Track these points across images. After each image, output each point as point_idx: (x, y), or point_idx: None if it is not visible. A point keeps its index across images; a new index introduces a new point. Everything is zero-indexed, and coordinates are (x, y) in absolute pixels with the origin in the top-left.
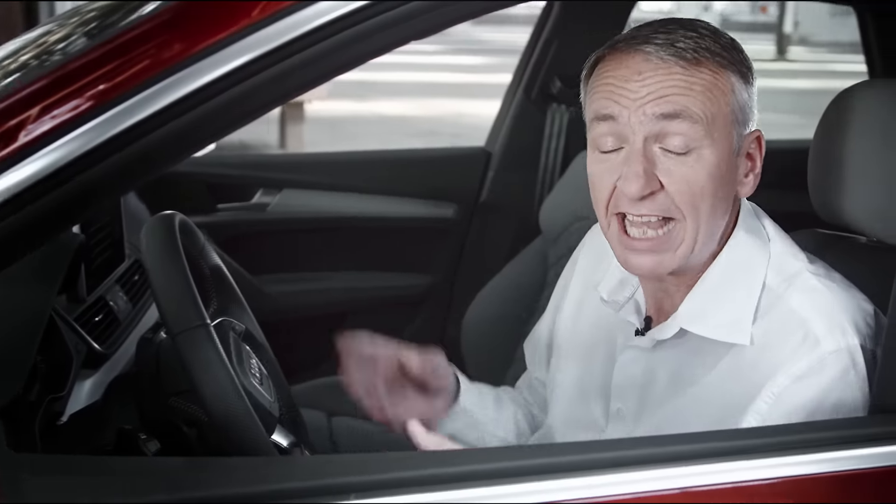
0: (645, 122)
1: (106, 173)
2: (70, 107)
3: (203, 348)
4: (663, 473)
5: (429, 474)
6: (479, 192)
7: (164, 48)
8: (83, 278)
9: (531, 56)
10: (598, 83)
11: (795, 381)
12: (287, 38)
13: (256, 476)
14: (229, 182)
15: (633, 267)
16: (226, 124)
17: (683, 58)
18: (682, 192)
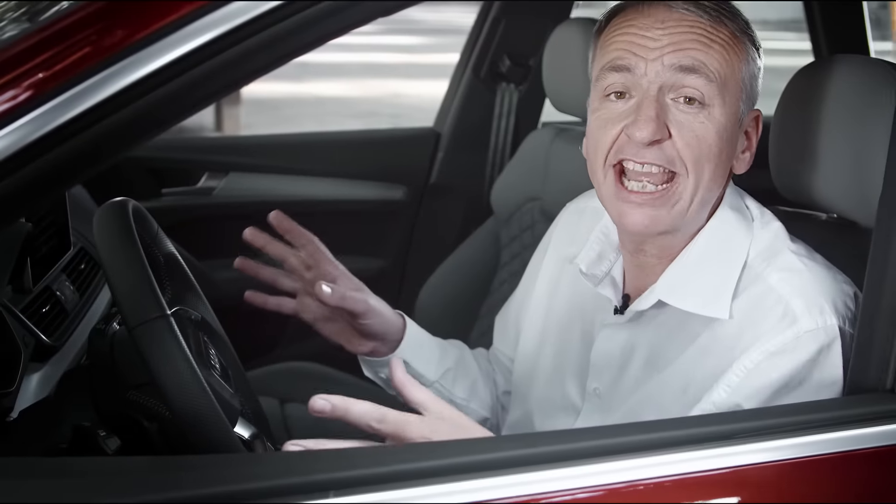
0: (662, 72)
1: (47, 167)
2: (7, 97)
3: (163, 340)
4: (638, 463)
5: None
6: (428, 173)
7: (106, 35)
8: (29, 268)
9: (479, 34)
10: (615, 33)
11: (769, 356)
12: (235, 22)
13: (226, 475)
14: (174, 166)
15: (627, 222)
16: (172, 114)
17: (707, 12)
18: (691, 146)
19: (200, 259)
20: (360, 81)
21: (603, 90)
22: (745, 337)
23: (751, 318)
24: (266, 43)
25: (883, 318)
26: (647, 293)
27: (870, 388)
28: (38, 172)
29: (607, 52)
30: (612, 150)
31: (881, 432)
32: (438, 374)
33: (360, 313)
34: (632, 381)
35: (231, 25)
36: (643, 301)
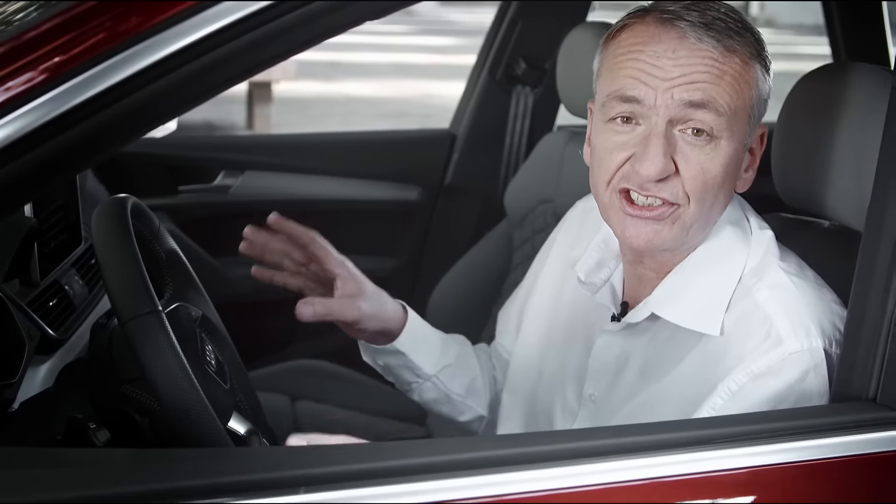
0: (671, 105)
1: (60, 149)
2: (24, 79)
3: (154, 336)
4: (625, 464)
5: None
6: (443, 174)
7: (121, 20)
8: (36, 262)
9: (495, 37)
10: (623, 55)
11: (754, 378)
12: (249, 10)
13: (204, 468)
14: (191, 164)
15: (631, 237)
16: (185, 100)
17: (719, 42)
18: (696, 179)
19: (216, 256)
20: (391, 81)
21: (608, 114)
22: (731, 355)
23: (737, 335)
24: (283, 28)
25: (867, 327)
26: (641, 305)
27: (853, 396)
28: (50, 154)
29: (616, 77)
30: (617, 176)
31: (862, 440)
32: (437, 369)
33: (352, 321)
34: (626, 390)
35: (244, 13)
36: (637, 313)
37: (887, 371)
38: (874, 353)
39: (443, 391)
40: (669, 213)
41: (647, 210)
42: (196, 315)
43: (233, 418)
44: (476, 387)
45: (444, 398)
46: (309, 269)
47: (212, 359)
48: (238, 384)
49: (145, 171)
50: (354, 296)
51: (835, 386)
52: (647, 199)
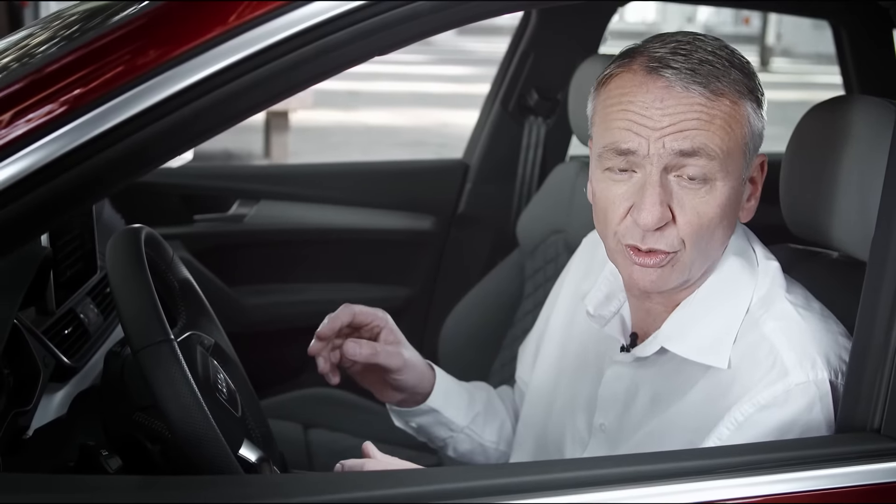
0: (664, 154)
1: (80, 179)
2: (45, 111)
3: (166, 364)
4: (631, 493)
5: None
6: (456, 203)
7: (139, 54)
8: (52, 290)
9: (508, 68)
10: (614, 106)
11: (759, 409)
12: (261, 45)
13: (211, 495)
14: (206, 193)
15: (639, 282)
16: (201, 131)
17: (706, 87)
18: (692, 224)
19: (231, 285)
20: (408, 110)
21: (604, 164)
22: (738, 385)
23: (743, 367)
24: (291, 64)
25: (872, 356)
26: (650, 339)
27: (858, 426)
28: (70, 184)
29: (609, 129)
30: (621, 230)
31: (866, 471)
32: (468, 419)
33: (395, 368)
34: (635, 420)
35: (257, 48)
36: (646, 347)
37: (891, 402)
38: (878, 384)
39: (476, 441)
40: (668, 260)
41: (653, 256)
42: (208, 343)
43: (244, 446)
44: (506, 431)
45: (479, 448)
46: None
47: (223, 387)
48: (249, 412)
49: (161, 200)
50: (397, 344)
51: (839, 416)
52: (645, 248)
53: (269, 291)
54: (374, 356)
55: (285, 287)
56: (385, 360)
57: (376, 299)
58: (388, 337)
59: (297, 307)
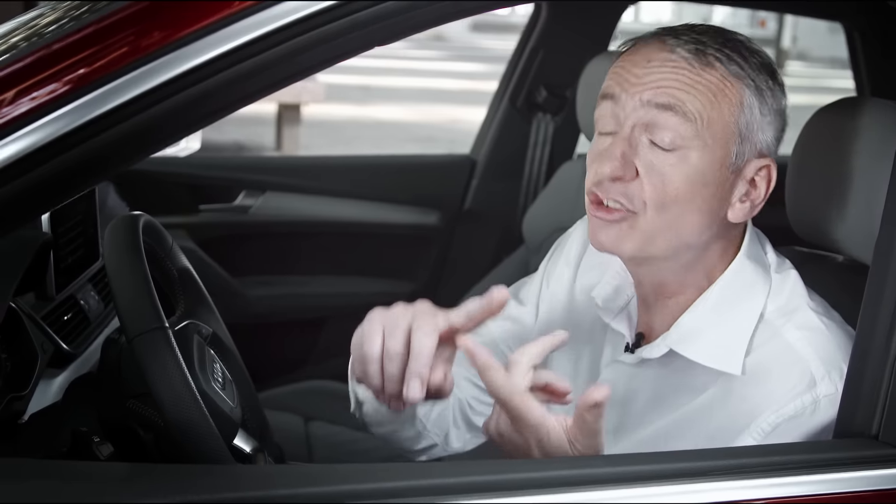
0: (637, 107)
1: (81, 158)
2: (49, 90)
3: (159, 352)
4: (627, 493)
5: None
6: (463, 199)
7: (144, 35)
8: (52, 276)
9: (517, 64)
10: (614, 66)
11: (788, 420)
12: (264, 30)
13: (195, 485)
14: (212, 183)
15: (595, 241)
16: (202, 115)
17: (697, 57)
18: (655, 187)
19: (234, 275)
20: (420, 106)
21: (596, 122)
22: (760, 395)
23: (767, 377)
24: (290, 52)
25: (872, 362)
26: (658, 341)
27: (855, 432)
28: (72, 163)
29: (604, 82)
30: (588, 183)
31: (862, 477)
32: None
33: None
34: (635, 419)
35: (259, 33)
36: (654, 349)
37: (890, 408)
38: (878, 390)
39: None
40: (625, 217)
41: (606, 212)
42: (206, 333)
43: (238, 436)
44: (443, 416)
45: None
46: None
47: (219, 376)
48: (246, 403)
49: (167, 189)
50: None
51: (837, 422)
52: (606, 200)
53: (273, 283)
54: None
55: (289, 279)
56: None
57: (380, 294)
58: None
59: (300, 299)
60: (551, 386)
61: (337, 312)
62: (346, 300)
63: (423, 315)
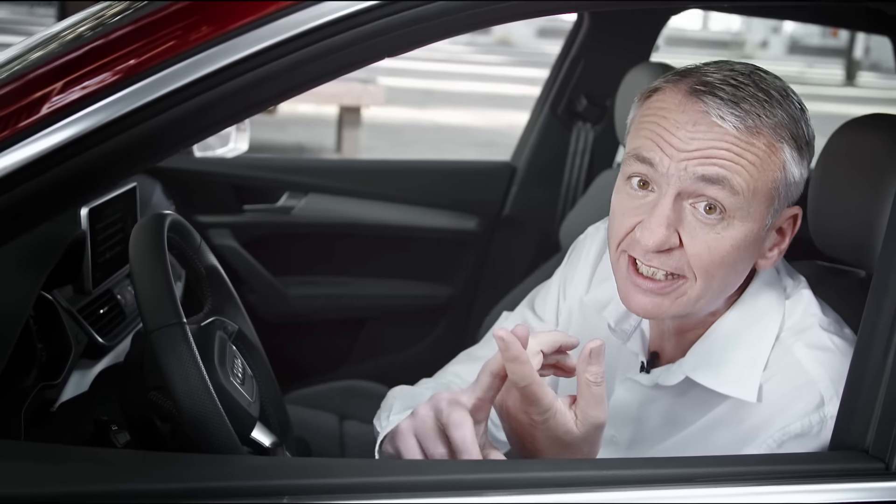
0: (684, 177)
1: (123, 146)
2: (98, 80)
3: (176, 346)
4: (636, 495)
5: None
6: (502, 205)
7: (192, 30)
8: (88, 270)
9: (559, 72)
10: (649, 117)
11: (794, 438)
12: (307, 27)
13: (192, 474)
14: (256, 184)
15: (632, 305)
16: (243, 108)
17: (744, 123)
18: (701, 257)
19: (276, 275)
20: (481, 111)
21: (627, 175)
22: (767, 411)
23: (776, 395)
24: (326, 50)
25: (868, 378)
26: (675, 367)
27: (850, 445)
28: (118, 148)
29: (637, 137)
30: (625, 241)
31: (848, 489)
32: None
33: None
34: (649, 436)
35: (300, 30)
36: (670, 376)
37: (881, 423)
38: (872, 406)
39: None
40: (672, 288)
41: (650, 282)
42: (231, 330)
43: (257, 429)
44: None
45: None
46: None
47: (239, 371)
48: (268, 399)
49: (212, 189)
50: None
51: (833, 434)
52: (649, 270)
53: (314, 283)
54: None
55: (329, 279)
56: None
57: (418, 297)
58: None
59: (340, 300)
60: (560, 363)
61: (376, 314)
62: (384, 302)
63: (450, 409)
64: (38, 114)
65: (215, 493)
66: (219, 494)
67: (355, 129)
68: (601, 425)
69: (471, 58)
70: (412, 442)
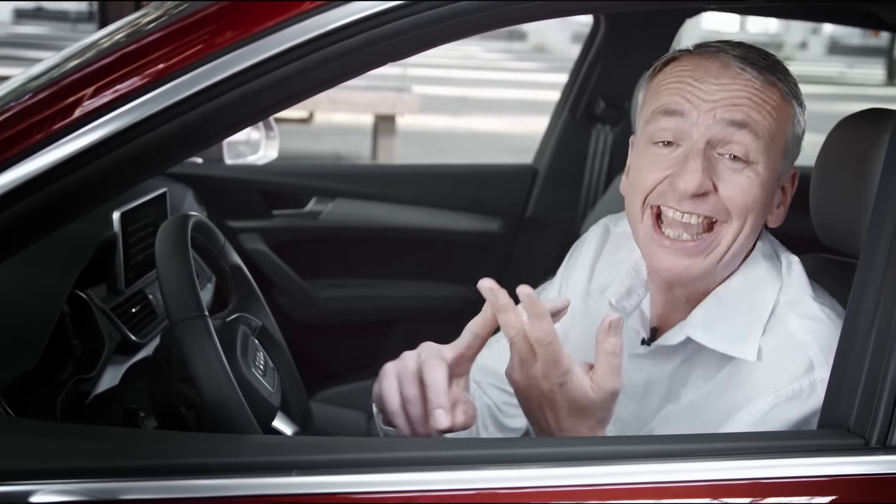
0: (712, 125)
1: (153, 143)
2: (129, 83)
3: (198, 336)
4: (629, 469)
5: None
6: (524, 207)
7: (217, 34)
8: (121, 271)
9: (577, 76)
10: (669, 80)
11: (785, 401)
12: (323, 30)
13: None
14: (285, 190)
15: (661, 267)
16: (267, 106)
17: (762, 75)
18: (736, 198)
19: (305, 278)
20: (517, 118)
21: (652, 135)
22: (760, 378)
23: (770, 361)
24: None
25: (853, 360)
26: (676, 328)
27: (835, 423)
28: (146, 146)
29: (660, 97)
30: (653, 194)
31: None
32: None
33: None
34: (651, 410)
35: (315, 33)
36: (672, 336)
37: (861, 401)
38: (857, 386)
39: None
40: (706, 244)
41: (682, 243)
42: (255, 325)
43: (278, 419)
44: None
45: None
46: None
47: (260, 364)
48: (291, 391)
49: (243, 195)
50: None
51: (821, 413)
52: (683, 217)
53: (341, 285)
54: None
55: (356, 282)
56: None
57: (443, 298)
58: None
59: (366, 301)
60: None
61: (402, 315)
62: (411, 303)
63: (428, 354)
64: (70, 117)
65: (231, 468)
66: (234, 469)
67: (390, 138)
68: (616, 392)
69: (506, 65)
70: (392, 382)
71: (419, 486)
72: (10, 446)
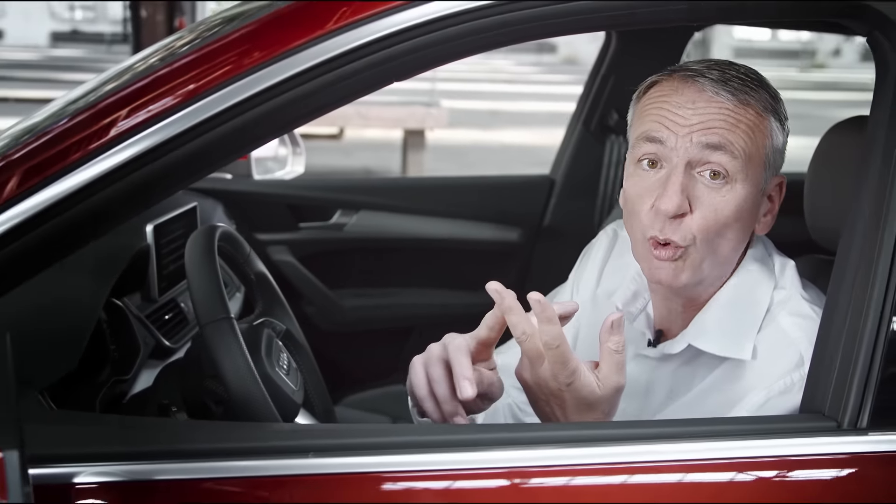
0: (690, 148)
1: (181, 161)
2: (161, 103)
3: (225, 336)
4: (625, 450)
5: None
6: (542, 217)
7: (245, 56)
8: (154, 280)
9: (591, 89)
10: (651, 106)
11: (778, 395)
12: (346, 48)
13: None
14: (311, 203)
15: (653, 278)
16: (290, 121)
17: (734, 96)
18: (706, 219)
19: (331, 288)
20: (547, 130)
21: (637, 157)
22: (753, 374)
23: (763, 358)
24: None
25: (829, 349)
26: (679, 338)
27: (814, 410)
28: (178, 160)
29: (643, 123)
30: (644, 224)
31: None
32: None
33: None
34: (653, 407)
35: (332, 54)
36: (675, 345)
37: (835, 387)
38: (832, 373)
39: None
40: (680, 254)
41: (665, 250)
42: (280, 329)
43: (301, 415)
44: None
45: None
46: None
47: (284, 364)
48: (313, 390)
49: (270, 208)
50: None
51: (802, 400)
52: (663, 238)
53: (366, 295)
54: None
55: (381, 291)
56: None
57: (464, 306)
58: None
59: (391, 310)
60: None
61: (425, 322)
62: (433, 311)
63: (452, 340)
64: (106, 136)
65: (254, 452)
66: (256, 452)
67: (420, 152)
68: (620, 388)
69: (537, 77)
70: (420, 369)
71: (426, 466)
72: (55, 435)
